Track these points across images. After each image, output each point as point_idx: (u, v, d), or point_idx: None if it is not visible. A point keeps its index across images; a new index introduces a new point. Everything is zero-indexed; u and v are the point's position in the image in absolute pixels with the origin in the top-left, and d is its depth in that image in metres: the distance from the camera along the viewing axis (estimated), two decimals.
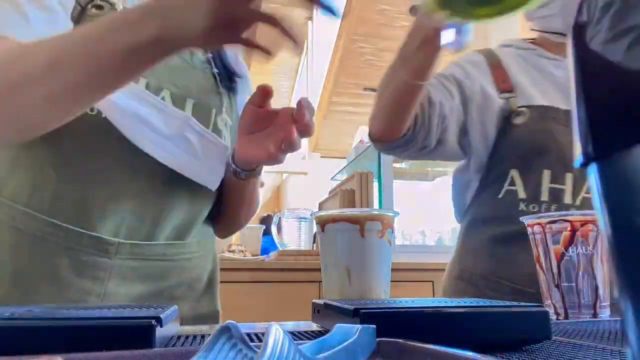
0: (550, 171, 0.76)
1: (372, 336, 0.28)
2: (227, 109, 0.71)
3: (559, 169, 0.77)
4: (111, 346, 0.30)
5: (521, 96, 0.81)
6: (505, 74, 0.84)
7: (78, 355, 0.25)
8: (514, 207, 0.77)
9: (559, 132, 0.78)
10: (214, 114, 0.68)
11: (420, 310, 0.38)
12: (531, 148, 0.78)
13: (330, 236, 0.58)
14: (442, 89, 0.81)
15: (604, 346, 0.36)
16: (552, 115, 0.79)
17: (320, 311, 0.48)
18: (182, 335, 0.43)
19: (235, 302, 1.81)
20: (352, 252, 0.56)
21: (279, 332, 0.20)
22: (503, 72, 0.84)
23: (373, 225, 0.56)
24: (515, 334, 0.37)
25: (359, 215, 0.56)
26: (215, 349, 0.23)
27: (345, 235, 0.56)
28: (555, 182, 0.76)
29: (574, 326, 0.49)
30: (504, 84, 0.82)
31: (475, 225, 0.83)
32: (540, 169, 0.77)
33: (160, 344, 0.33)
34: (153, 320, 0.32)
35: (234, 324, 0.23)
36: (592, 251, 0.58)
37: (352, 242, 0.56)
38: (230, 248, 1.99)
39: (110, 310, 0.38)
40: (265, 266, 1.89)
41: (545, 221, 0.60)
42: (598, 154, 0.16)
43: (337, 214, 0.57)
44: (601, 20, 0.16)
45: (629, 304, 0.15)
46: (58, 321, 0.32)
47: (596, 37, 0.16)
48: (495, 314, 0.38)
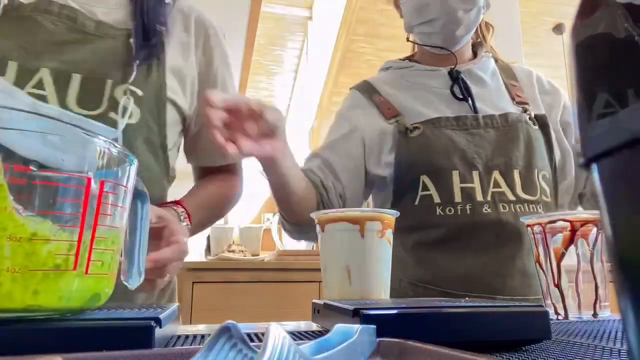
0: (458, 172, 0.79)
1: (372, 336, 0.28)
2: (140, 79, 0.68)
3: (465, 169, 0.79)
4: (111, 347, 0.30)
5: (409, 115, 0.85)
6: (386, 101, 0.88)
7: (78, 355, 0.25)
8: (431, 213, 0.79)
9: (455, 136, 0.81)
10: (110, 85, 0.66)
11: (420, 310, 0.38)
12: (434, 152, 0.80)
13: (330, 236, 0.58)
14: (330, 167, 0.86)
15: (604, 346, 0.36)
16: (443, 124, 0.83)
17: (320, 311, 0.48)
18: (181, 335, 0.43)
19: (235, 302, 1.82)
20: (352, 252, 0.56)
21: (279, 332, 0.20)
22: (384, 100, 0.89)
23: (373, 225, 0.56)
24: (515, 334, 0.37)
25: (359, 215, 0.56)
26: (215, 349, 0.23)
27: (346, 235, 0.56)
28: (464, 182, 0.79)
29: (574, 326, 0.49)
30: (389, 111, 0.87)
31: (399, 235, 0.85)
32: (448, 170, 0.79)
33: (159, 344, 0.33)
34: (152, 321, 0.32)
35: (234, 324, 0.23)
36: (592, 251, 0.58)
37: (352, 242, 0.56)
38: (230, 248, 1.99)
39: (109, 311, 0.38)
40: (265, 266, 1.89)
41: (545, 221, 0.61)
42: (598, 154, 0.16)
43: (337, 214, 0.57)
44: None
45: (629, 304, 0.15)
46: (58, 321, 0.32)
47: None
48: (495, 314, 0.38)
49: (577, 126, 0.17)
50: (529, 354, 0.34)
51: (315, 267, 1.80)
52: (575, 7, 0.18)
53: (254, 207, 6.57)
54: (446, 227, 0.78)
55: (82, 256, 0.33)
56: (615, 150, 0.15)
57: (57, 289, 0.32)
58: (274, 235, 2.03)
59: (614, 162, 0.15)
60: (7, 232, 0.30)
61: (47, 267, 0.31)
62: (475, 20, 0.85)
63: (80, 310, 0.35)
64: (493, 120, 0.83)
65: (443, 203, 0.79)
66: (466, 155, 0.79)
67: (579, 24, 0.17)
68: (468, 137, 0.81)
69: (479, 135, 0.82)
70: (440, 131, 0.82)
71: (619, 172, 0.15)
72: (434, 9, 0.82)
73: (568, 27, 0.73)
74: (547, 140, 0.83)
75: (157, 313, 0.35)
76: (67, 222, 0.32)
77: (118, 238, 0.37)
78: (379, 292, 0.56)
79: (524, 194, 0.78)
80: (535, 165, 0.79)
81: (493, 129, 0.82)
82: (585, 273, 0.58)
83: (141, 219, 0.45)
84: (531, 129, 0.83)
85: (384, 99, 0.89)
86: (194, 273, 1.82)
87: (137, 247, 0.45)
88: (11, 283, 0.30)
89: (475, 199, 0.78)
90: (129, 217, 0.42)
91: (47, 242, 0.31)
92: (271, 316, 1.77)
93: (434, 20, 0.83)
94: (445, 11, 0.81)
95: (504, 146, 0.80)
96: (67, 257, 0.32)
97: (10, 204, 0.30)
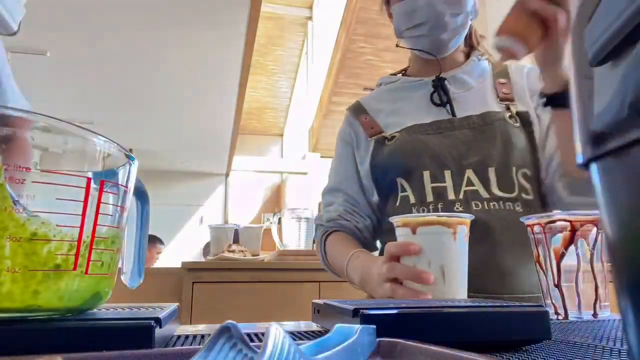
0: (429, 172, 0.82)
1: (372, 336, 0.28)
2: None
3: (436, 169, 0.82)
4: (111, 347, 0.30)
5: (389, 128, 0.90)
6: (371, 120, 0.93)
7: (78, 355, 0.25)
8: (409, 213, 0.82)
9: (428, 140, 0.85)
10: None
11: (420, 310, 0.38)
12: (406, 155, 0.84)
13: (424, 238, 0.62)
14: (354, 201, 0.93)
15: (604, 346, 0.36)
16: (418, 130, 0.86)
17: (320, 311, 0.48)
18: (181, 336, 0.43)
19: (235, 302, 1.82)
20: (447, 254, 0.61)
21: (279, 332, 0.20)
22: (370, 120, 0.94)
23: (462, 228, 0.62)
24: (515, 334, 0.37)
25: (451, 220, 0.61)
26: (215, 349, 0.23)
27: (441, 237, 0.61)
28: (435, 182, 0.81)
29: (574, 326, 0.49)
30: (372, 130, 0.92)
31: (386, 235, 0.89)
32: (419, 171, 0.82)
33: (159, 344, 0.33)
34: (152, 321, 0.32)
35: (234, 324, 0.23)
36: (592, 251, 0.58)
37: (447, 244, 0.61)
38: (230, 248, 1.99)
39: (109, 311, 0.38)
40: (265, 266, 1.89)
41: (545, 221, 0.61)
42: (598, 154, 0.16)
43: (429, 218, 0.62)
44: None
45: (629, 304, 0.15)
46: (58, 321, 0.32)
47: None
48: (495, 314, 0.38)
49: (576, 127, 0.17)
50: (529, 354, 0.34)
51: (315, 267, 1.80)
52: (575, 7, 0.18)
53: (254, 207, 6.57)
54: None
55: (82, 256, 0.33)
56: (615, 150, 0.15)
57: (57, 289, 0.32)
58: (274, 235, 2.03)
59: (614, 162, 0.15)
60: (7, 232, 0.30)
61: (47, 267, 0.31)
62: (462, 25, 0.87)
63: (80, 310, 0.35)
64: (470, 120, 0.85)
65: (417, 203, 0.82)
66: (437, 155, 0.82)
67: (576, 32, 0.17)
68: (441, 139, 0.84)
69: (453, 136, 0.84)
70: (413, 136, 0.86)
71: (619, 172, 0.15)
72: (421, 13, 0.85)
73: None
74: (530, 138, 0.84)
75: (157, 313, 0.35)
76: (67, 222, 0.32)
77: (118, 238, 0.37)
78: (464, 292, 0.62)
79: (500, 191, 0.79)
80: (513, 163, 0.80)
81: (469, 129, 0.85)
82: (585, 273, 0.58)
83: (141, 219, 0.45)
84: (510, 127, 0.83)
85: (369, 118, 0.94)
86: (194, 273, 1.82)
87: (137, 247, 0.45)
88: (11, 283, 0.30)
89: (446, 198, 0.80)
90: (129, 217, 0.42)
91: (47, 242, 0.31)
92: (271, 316, 1.77)
93: (421, 24, 0.86)
94: (432, 15, 0.84)
95: (480, 145, 0.82)
96: (67, 257, 0.32)
97: (11, 204, 0.30)
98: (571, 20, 0.18)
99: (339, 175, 0.95)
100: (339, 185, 0.94)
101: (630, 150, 0.15)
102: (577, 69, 0.17)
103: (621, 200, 0.15)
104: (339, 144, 0.98)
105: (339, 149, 0.98)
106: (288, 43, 5.87)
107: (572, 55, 0.18)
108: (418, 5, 0.84)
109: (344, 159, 0.95)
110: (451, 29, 0.86)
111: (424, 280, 0.60)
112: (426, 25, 0.85)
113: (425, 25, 0.86)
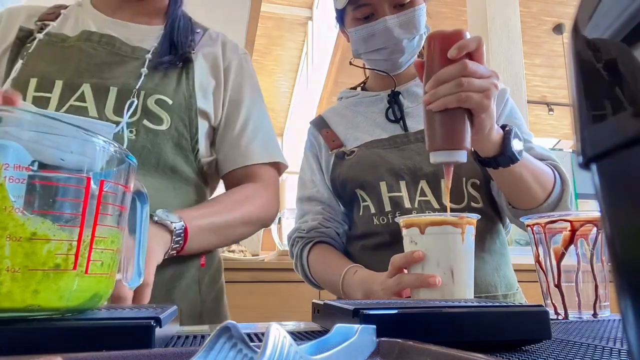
0: (385, 182, 0.84)
1: (372, 336, 0.28)
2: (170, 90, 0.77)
3: (392, 180, 0.84)
4: (111, 347, 0.30)
5: (349, 142, 0.93)
6: (333, 134, 0.96)
7: (78, 355, 0.25)
8: (370, 222, 0.85)
9: (385, 153, 0.87)
10: (143, 96, 0.74)
11: (420, 310, 0.38)
12: (364, 168, 0.87)
13: (433, 238, 0.62)
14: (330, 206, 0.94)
15: (604, 346, 0.36)
16: (377, 145, 0.89)
17: (320, 311, 0.48)
18: (182, 335, 0.43)
19: (235, 302, 1.82)
20: (456, 254, 0.61)
21: (279, 332, 0.20)
22: (331, 134, 0.96)
23: (470, 228, 0.62)
24: (515, 334, 0.37)
25: (459, 220, 0.61)
26: (215, 349, 0.23)
27: (451, 237, 0.61)
28: (392, 191, 0.84)
29: (574, 326, 0.49)
30: (334, 143, 0.95)
31: (353, 241, 0.91)
32: (376, 182, 0.85)
33: (159, 344, 0.33)
34: (152, 320, 0.32)
35: (234, 324, 0.23)
36: (592, 251, 0.58)
37: (456, 244, 0.61)
38: (230, 248, 1.99)
39: (109, 311, 0.38)
40: (265, 266, 1.89)
41: (545, 221, 0.61)
42: (598, 154, 0.16)
43: (439, 217, 0.62)
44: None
45: (629, 304, 0.15)
46: (58, 321, 0.32)
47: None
48: (495, 314, 0.38)
49: (576, 127, 0.17)
50: (529, 354, 0.34)
51: None
52: (575, 7, 0.18)
53: None
54: (382, 234, 0.84)
55: (82, 256, 0.33)
56: (615, 150, 0.15)
57: (57, 288, 0.32)
58: (274, 235, 2.03)
59: (614, 162, 0.15)
60: (7, 232, 0.30)
61: (47, 267, 0.31)
62: (418, 46, 0.90)
63: (80, 310, 0.35)
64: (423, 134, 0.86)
65: (377, 213, 0.85)
66: (393, 167, 0.85)
67: (575, 36, 0.17)
68: (397, 153, 0.87)
69: (408, 149, 0.87)
70: (371, 151, 0.88)
71: (619, 172, 0.15)
72: (380, 38, 0.87)
73: (568, 27, 0.73)
74: None
75: (157, 313, 0.35)
76: (67, 222, 0.32)
77: (118, 238, 0.37)
78: (472, 292, 0.62)
79: (450, 202, 0.82)
80: (463, 174, 0.83)
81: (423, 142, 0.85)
82: (585, 273, 0.58)
83: (141, 219, 0.45)
84: None
85: (330, 132, 0.97)
86: None
87: (137, 247, 0.45)
88: (11, 283, 0.30)
89: (403, 207, 0.83)
90: (129, 217, 0.42)
91: (47, 241, 0.31)
92: (271, 316, 1.77)
93: (380, 49, 0.88)
94: (390, 41, 0.87)
95: None
96: (67, 257, 0.32)
97: (11, 204, 0.30)
98: None
99: (313, 184, 0.96)
100: (315, 193, 0.95)
101: (630, 150, 0.15)
102: (577, 69, 0.17)
103: (621, 200, 0.15)
104: (307, 155, 1.00)
105: (309, 160, 0.99)
106: (288, 43, 5.87)
107: (572, 55, 0.18)
108: (376, 30, 0.86)
109: (315, 169, 0.97)
110: (408, 52, 0.89)
111: (431, 284, 0.60)
112: (386, 50, 0.88)
113: (384, 50, 0.88)
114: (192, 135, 0.78)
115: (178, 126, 0.76)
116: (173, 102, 0.76)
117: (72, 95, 0.72)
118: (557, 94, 5.40)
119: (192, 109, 0.78)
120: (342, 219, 0.93)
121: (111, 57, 0.78)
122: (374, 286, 0.69)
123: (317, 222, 0.91)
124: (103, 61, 0.77)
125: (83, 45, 0.78)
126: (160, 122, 0.75)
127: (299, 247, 0.92)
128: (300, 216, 0.96)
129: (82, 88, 0.73)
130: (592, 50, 0.16)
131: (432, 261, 0.61)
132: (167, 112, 0.75)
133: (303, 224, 0.93)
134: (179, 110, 0.77)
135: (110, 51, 0.79)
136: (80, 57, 0.76)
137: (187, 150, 0.78)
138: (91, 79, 0.74)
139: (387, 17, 0.85)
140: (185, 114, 0.77)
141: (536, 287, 0.63)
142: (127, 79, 0.75)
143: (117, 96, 0.73)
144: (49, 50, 0.77)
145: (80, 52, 0.77)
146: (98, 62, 0.76)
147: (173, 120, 0.76)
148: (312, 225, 0.91)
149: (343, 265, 0.81)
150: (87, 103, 0.72)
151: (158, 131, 0.74)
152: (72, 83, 0.73)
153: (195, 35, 0.87)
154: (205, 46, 0.87)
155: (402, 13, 0.85)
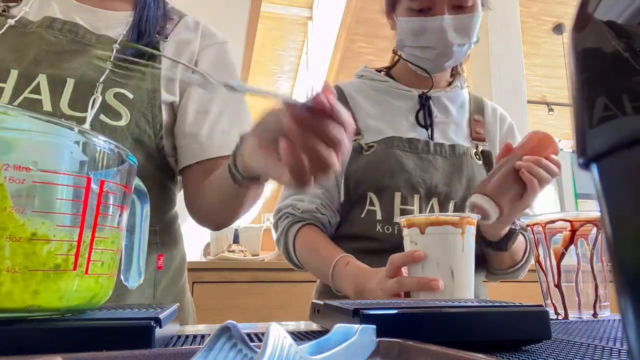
0: (401, 194, 0.83)
1: (372, 336, 0.28)
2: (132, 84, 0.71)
3: (407, 192, 0.83)
4: (111, 347, 0.30)
5: (369, 132, 0.89)
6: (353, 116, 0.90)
7: (78, 355, 0.25)
8: (373, 227, 0.83)
9: (404, 157, 0.85)
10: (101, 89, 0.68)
11: (420, 310, 0.38)
12: (382, 172, 0.84)
13: (433, 238, 0.62)
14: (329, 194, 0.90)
15: (604, 346, 0.36)
16: (396, 143, 0.86)
17: (320, 311, 0.48)
18: (181, 335, 0.43)
19: (235, 302, 1.82)
20: (457, 254, 0.61)
21: (279, 332, 0.20)
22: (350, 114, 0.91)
23: (471, 228, 0.62)
24: (515, 334, 0.37)
25: (459, 220, 0.61)
26: (215, 349, 0.23)
27: (451, 237, 0.61)
28: (404, 204, 0.83)
29: (574, 326, 0.49)
30: None
31: (342, 240, 0.88)
32: (391, 191, 0.83)
33: (159, 344, 0.33)
34: (152, 321, 0.32)
35: (234, 324, 0.23)
36: (592, 251, 0.58)
37: (456, 244, 0.61)
38: (230, 248, 1.99)
39: (109, 311, 0.38)
40: (265, 266, 1.89)
41: (545, 221, 0.61)
42: (598, 154, 0.16)
43: (440, 217, 0.62)
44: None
45: (629, 304, 0.15)
46: (58, 321, 0.32)
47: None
48: (495, 314, 0.38)
49: (576, 127, 0.17)
50: (529, 354, 0.34)
51: None
52: (575, 7, 0.18)
53: (254, 207, 6.53)
54: (383, 242, 0.82)
55: (82, 256, 0.33)
56: (615, 150, 0.15)
57: (57, 289, 0.32)
58: (274, 236, 2.03)
59: (614, 162, 0.15)
60: (7, 232, 0.30)
61: (47, 267, 0.31)
62: (465, 54, 0.88)
63: (80, 310, 0.35)
64: (442, 148, 0.88)
65: (384, 221, 0.83)
66: (411, 179, 0.83)
67: (575, 35, 0.17)
68: (417, 161, 0.85)
69: (427, 160, 0.86)
70: (391, 151, 0.85)
71: (619, 172, 0.15)
72: (430, 37, 0.84)
73: (568, 27, 0.73)
74: None
75: (157, 313, 0.35)
76: (67, 222, 0.32)
77: (118, 238, 0.37)
78: (472, 292, 0.62)
79: None
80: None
81: (441, 157, 0.87)
82: (585, 273, 0.58)
83: (141, 219, 0.45)
84: (475, 164, 0.87)
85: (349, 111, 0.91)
86: (194, 273, 1.81)
87: (137, 247, 0.45)
88: (11, 283, 0.30)
89: None
90: (129, 217, 0.42)
91: (47, 242, 0.31)
92: (271, 316, 1.77)
93: (429, 48, 0.85)
94: (441, 43, 0.84)
95: (449, 176, 0.85)
96: (67, 257, 0.32)
97: (10, 204, 0.30)
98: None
99: None
100: None
101: (630, 150, 0.15)
102: (577, 69, 0.17)
103: (621, 200, 0.15)
104: None
105: None
106: (288, 43, 5.87)
107: (571, 55, 0.18)
108: (430, 27, 0.82)
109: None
110: (455, 58, 0.87)
111: (433, 288, 0.59)
112: (434, 51, 0.85)
113: (432, 50, 0.85)
114: (155, 131, 0.72)
115: (139, 122, 0.70)
116: (134, 96, 0.71)
117: (28, 86, 0.67)
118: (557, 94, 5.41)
119: (155, 104, 0.72)
120: (337, 209, 0.89)
121: (72, 45, 0.72)
122: (368, 283, 0.68)
123: (315, 207, 0.87)
124: (63, 50, 0.71)
125: (44, 33, 0.72)
126: (118, 118, 0.69)
127: (287, 224, 0.89)
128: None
129: (38, 79, 0.67)
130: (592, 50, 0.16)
131: (432, 261, 0.61)
132: (126, 106, 0.70)
133: (299, 202, 0.88)
134: (140, 105, 0.71)
135: (73, 39, 0.73)
136: (40, 45, 0.71)
137: (149, 147, 0.72)
138: (48, 70, 0.68)
139: (445, 15, 0.81)
140: (148, 109, 0.71)
141: (536, 287, 0.63)
142: (86, 71, 0.70)
143: (74, 89, 0.68)
144: (9, 36, 0.71)
145: (40, 39, 0.71)
146: (58, 51, 0.71)
147: (133, 115, 0.70)
148: (309, 207, 0.87)
149: (333, 253, 0.79)
150: (42, 96, 0.67)
151: (116, 127, 0.68)
152: (28, 73, 0.67)
153: (169, 22, 0.80)
154: (179, 34, 0.80)
155: (461, 16, 0.82)
